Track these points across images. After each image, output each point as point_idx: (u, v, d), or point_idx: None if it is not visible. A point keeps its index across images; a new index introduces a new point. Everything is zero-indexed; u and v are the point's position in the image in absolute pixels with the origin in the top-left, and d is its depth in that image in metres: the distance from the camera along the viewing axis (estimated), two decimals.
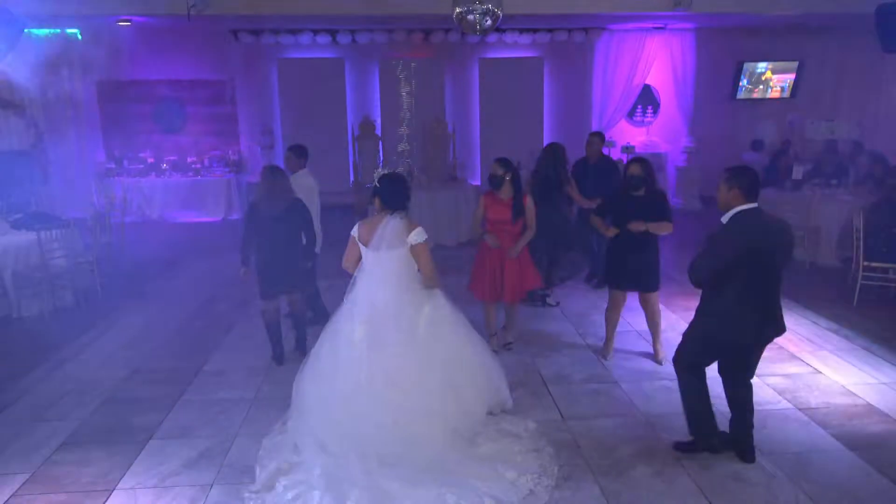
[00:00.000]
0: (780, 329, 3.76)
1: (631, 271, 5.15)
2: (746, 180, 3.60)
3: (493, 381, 4.34)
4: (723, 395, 3.97)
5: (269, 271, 5.26)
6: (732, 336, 3.70)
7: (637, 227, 4.96)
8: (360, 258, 4.08)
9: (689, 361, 3.88)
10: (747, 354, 3.82)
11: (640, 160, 5.13)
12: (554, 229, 6.44)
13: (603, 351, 5.51)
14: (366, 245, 3.99)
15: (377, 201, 4.06)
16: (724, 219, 3.66)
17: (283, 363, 5.35)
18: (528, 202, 5.32)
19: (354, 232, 4.08)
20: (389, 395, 3.81)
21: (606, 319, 5.46)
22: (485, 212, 5.33)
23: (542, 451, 3.98)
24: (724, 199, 3.66)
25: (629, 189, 5.09)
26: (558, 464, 3.87)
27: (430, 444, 3.77)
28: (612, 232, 5.13)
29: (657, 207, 5.05)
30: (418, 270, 4.05)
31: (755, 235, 3.57)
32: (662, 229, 5.02)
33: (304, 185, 5.88)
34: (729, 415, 3.97)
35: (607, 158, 7.57)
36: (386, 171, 4.08)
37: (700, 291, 3.83)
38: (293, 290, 5.43)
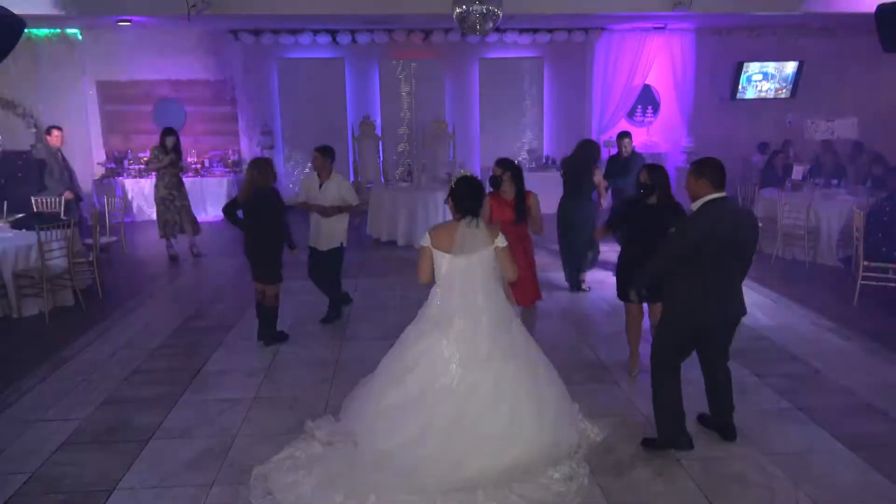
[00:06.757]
0: (742, 310, 3.94)
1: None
2: (711, 170, 3.79)
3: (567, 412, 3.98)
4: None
5: (248, 259, 5.66)
6: (700, 319, 3.85)
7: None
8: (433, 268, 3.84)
9: (663, 357, 3.98)
10: (718, 337, 3.98)
11: (650, 167, 4.94)
12: (586, 221, 6.80)
13: (629, 367, 5.15)
14: (447, 252, 3.74)
15: (453, 204, 3.84)
16: (694, 206, 3.84)
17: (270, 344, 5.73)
18: (532, 200, 5.08)
19: (426, 242, 3.79)
20: (491, 423, 3.57)
21: (630, 334, 5.13)
22: (490, 213, 4.99)
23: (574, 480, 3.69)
24: (692, 190, 3.85)
25: (641, 197, 4.86)
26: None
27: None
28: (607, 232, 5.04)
29: (668, 217, 4.72)
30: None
31: (722, 222, 3.74)
32: None
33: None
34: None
35: (637, 155, 8.14)
36: (462, 174, 3.96)
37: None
38: (263, 280, 5.66)
